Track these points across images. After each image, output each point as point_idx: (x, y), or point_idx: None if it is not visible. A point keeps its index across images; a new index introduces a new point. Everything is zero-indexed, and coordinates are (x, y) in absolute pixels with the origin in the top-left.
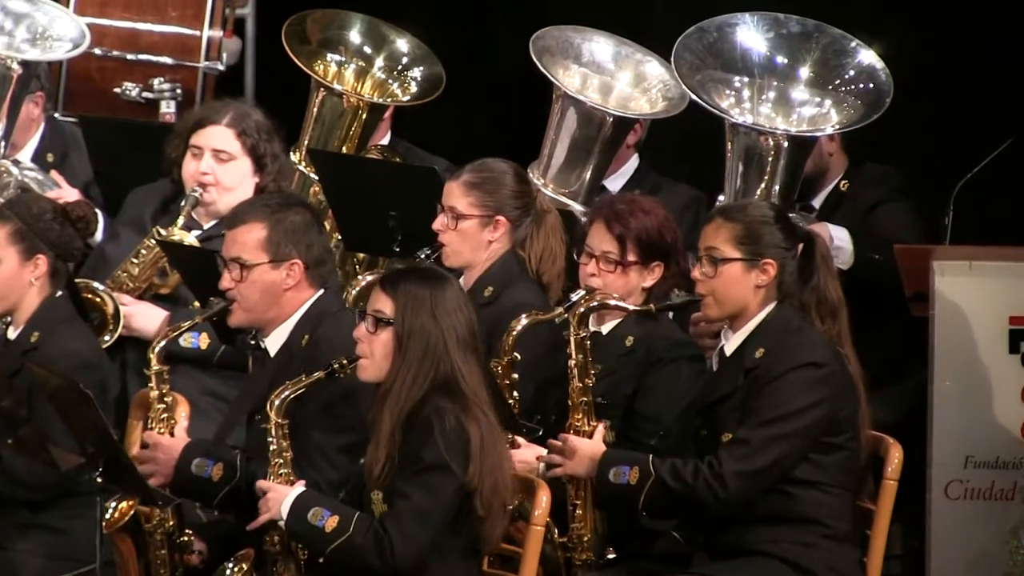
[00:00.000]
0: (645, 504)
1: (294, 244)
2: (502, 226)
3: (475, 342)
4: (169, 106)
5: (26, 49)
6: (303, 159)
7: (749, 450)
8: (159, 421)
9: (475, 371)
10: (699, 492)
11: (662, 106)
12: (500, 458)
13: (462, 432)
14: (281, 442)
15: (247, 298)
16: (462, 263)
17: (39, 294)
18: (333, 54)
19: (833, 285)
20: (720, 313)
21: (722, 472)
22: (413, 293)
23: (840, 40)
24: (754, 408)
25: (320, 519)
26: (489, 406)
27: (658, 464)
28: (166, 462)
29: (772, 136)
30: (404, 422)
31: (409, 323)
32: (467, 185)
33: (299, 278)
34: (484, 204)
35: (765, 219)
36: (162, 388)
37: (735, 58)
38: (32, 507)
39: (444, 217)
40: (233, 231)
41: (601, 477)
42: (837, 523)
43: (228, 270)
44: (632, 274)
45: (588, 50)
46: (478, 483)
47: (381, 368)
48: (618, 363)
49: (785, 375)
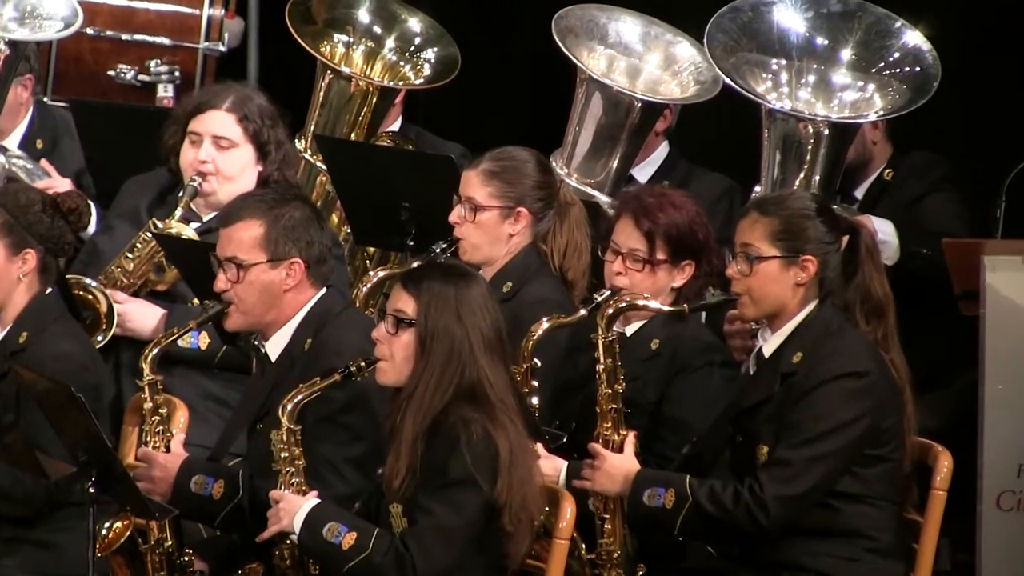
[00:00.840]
0: (681, 529)
1: (293, 242)
2: (523, 218)
3: (502, 345)
4: (166, 90)
5: (14, 28)
6: (309, 146)
7: (791, 473)
8: (154, 435)
9: (502, 375)
10: (739, 518)
11: (694, 90)
12: (529, 470)
13: (490, 444)
14: (293, 449)
15: (244, 300)
16: (480, 258)
17: (28, 291)
18: (341, 35)
19: (879, 281)
20: (757, 313)
21: (763, 498)
22: (437, 292)
23: (884, 20)
24: (793, 423)
25: (337, 535)
26: (517, 413)
27: (695, 487)
28: (163, 480)
29: (812, 123)
30: (427, 431)
31: (432, 324)
32: (486, 174)
33: (299, 278)
34: (504, 195)
35: (805, 212)
36: (156, 399)
37: (772, 39)
38: (18, 521)
39: (461, 208)
40: (228, 229)
41: (634, 498)
42: (881, 536)
43: (223, 270)
44: (661, 273)
45: (614, 30)
46: (507, 498)
47: (402, 372)
48: (643, 367)
49: (824, 385)
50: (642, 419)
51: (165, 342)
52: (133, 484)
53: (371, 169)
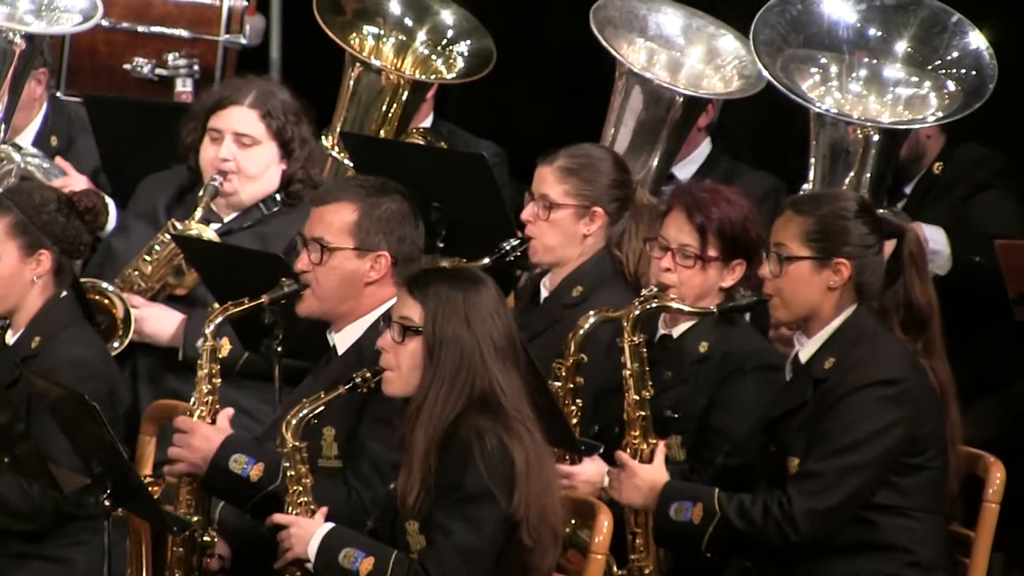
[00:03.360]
0: (709, 545)
1: (385, 234)
2: (599, 219)
3: (515, 352)
4: (185, 84)
5: (30, 21)
6: (336, 143)
7: (821, 485)
8: (203, 404)
9: (516, 384)
10: (768, 534)
11: (738, 85)
12: (549, 480)
13: (505, 455)
14: (299, 467)
15: (323, 285)
16: (552, 259)
17: (42, 294)
18: (370, 26)
19: (922, 289)
20: (788, 316)
21: (793, 512)
22: (444, 297)
23: (940, 14)
24: (823, 432)
25: (353, 561)
26: (534, 422)
27: (724, 501)
28: (202, 450)
29: (861, 128)
30: (439, 444)
31: (440, 331)
32: (562, 171)
33: (384, 272)
34: (581, 193)
35: (842, 212)
36: (212, 367)
37: (821, 32)
38: (28, 536)
39: (534, 206)
40: (320, 208)
41: (661, 511)
42: (923, 550)
43: (307, 250)
44: (711, 271)
45: (655, 22)
46: (524, 511)
47: (409, 382)
48: (691, 371)
49: (856, 393)
50: (690, 425)
51: (233, 310)
52: (150, 497)
53: (400, 167)
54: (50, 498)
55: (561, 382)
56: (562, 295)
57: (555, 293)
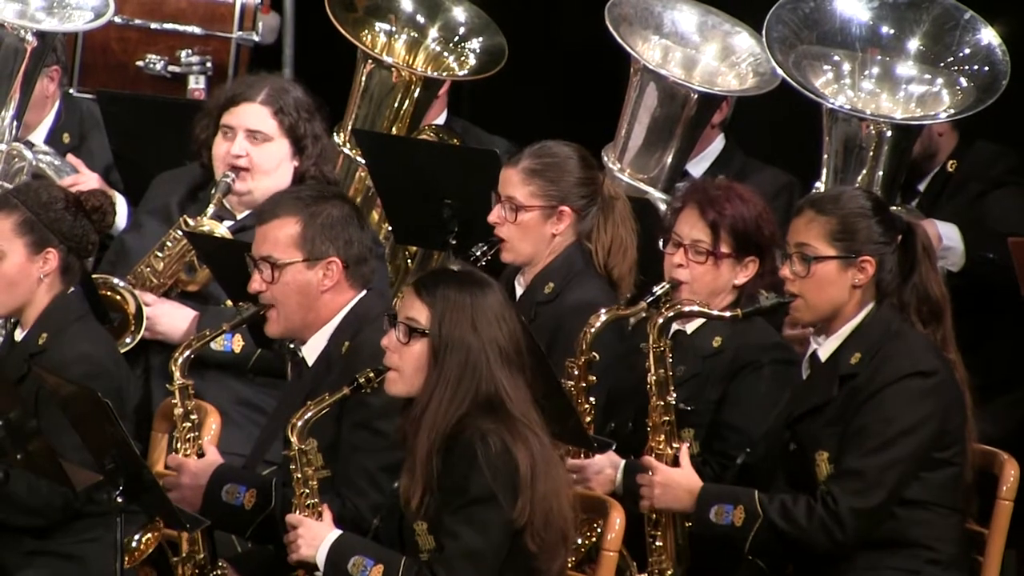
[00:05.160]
0: (752, 547)
1: (331, 240)
2: (567, 217)
3: (521, 358)
4: (198, 81)
5: (42, 18)
6: (348, 140)
7: (865, 484)
8: (185, 441)
9: (522, 389)
10: (814, 535)
11: (752, 82)
12: (556, 484)
13: (509, 459)
14: (306, 469)
15: (282, 303)
16: (523, 259)
17: (49, 292)
18: (382, 23)
19: (935, 281)
20: (813, 316)
21: (838, 511)
22: (452, 300)
23: (952, 11)
24: (860, 428)
25: (362, 570)
26: (541, 426)
27: (766, 503)
28: (193, 488)
29: (874, 124)
30: (442, 446)
31: (447, 334)
32: (527, 172)
33: (337, 278)
34: (547, 194)
35: (862, 211)
36: (187, 405)
37: (834, 29)
38: (37, 532)
39: (501, 208)
40: (263, 227)
41: (701, 515)
42: (943, 546)
43: (259, 270)
44: (724, 268)
45: (670, 19)
46: (529, 515)
47: (412, 383)
48: (704, 366)
49: (890, 387)
50: (703, 419)
51: (197, 345)
52: (163, 493)
53: (412, 164)
54: (59, 494)
55: (574, 381)
56: (535, 292)
57: (528, 291)
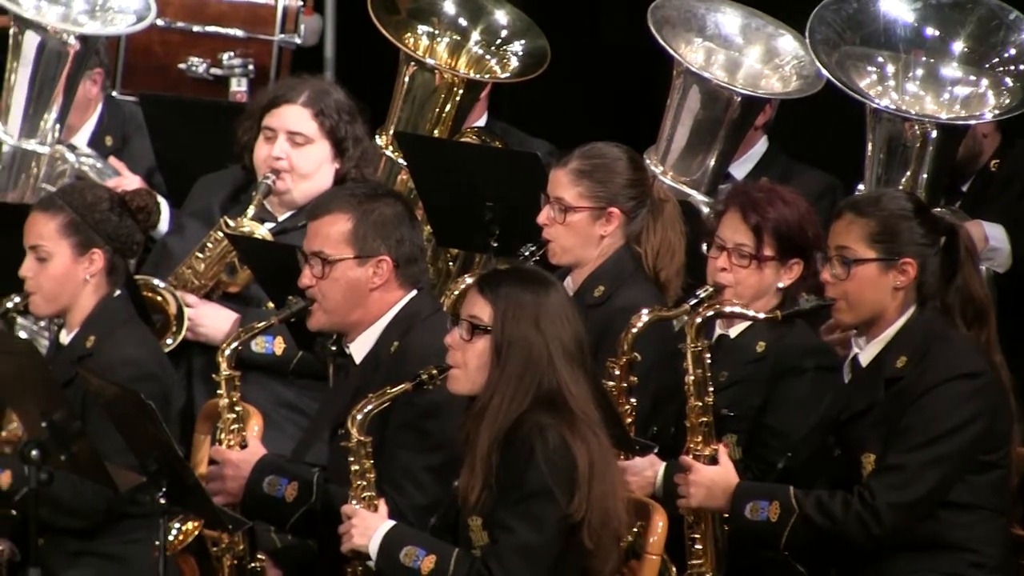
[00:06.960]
0: (788, 543)
1: (383, 239)
2: (615, 219)
3: (583, 356)
4: (240, 84)
5: (84, 22)
6: (390, 143)
7: (904, 478)
8: (229, 433)
9: (583, 387)
10: (850, 529)
11: (796, 85)
12: (613, 484)
13: (567, 454)
14: (364, 462)
15: (329, 298)
16: (571, 260)
17: (95, 293)
18: (425, 26)
19: (978, 282)
20: (854, 319)
21: (875, 505)
22: (514, 298)
23: (998, 11)
24: (904, 427)
25: (415, 559)
26: (600, 426)
27: (801, 498)
28: (235, 479)
29: (919, 124)
30: (502, 441)
31: (509, 332)
32: (576, 173)
33: (387, 277)
34: (595, 195)
35: (903, 212)
36: (232, 396)
37: (878, 31)
38: (82, 534)
39: (550, 209)
40: (316, 222)
41: (736, 512)
42: (988, 550)
43: (309, 266)
44: (767, 271)
45: (713, 22)
46: (586, 512)
47: (475, 381)
48: (747, 371)
49: (937, 388)
50: (745, 424)
51: (245, 337)
52: (205, 495)
53: (453, 167)
54: (102, 495)
55: (615, 381)
56: (585, 295)
57: (577, 294)
